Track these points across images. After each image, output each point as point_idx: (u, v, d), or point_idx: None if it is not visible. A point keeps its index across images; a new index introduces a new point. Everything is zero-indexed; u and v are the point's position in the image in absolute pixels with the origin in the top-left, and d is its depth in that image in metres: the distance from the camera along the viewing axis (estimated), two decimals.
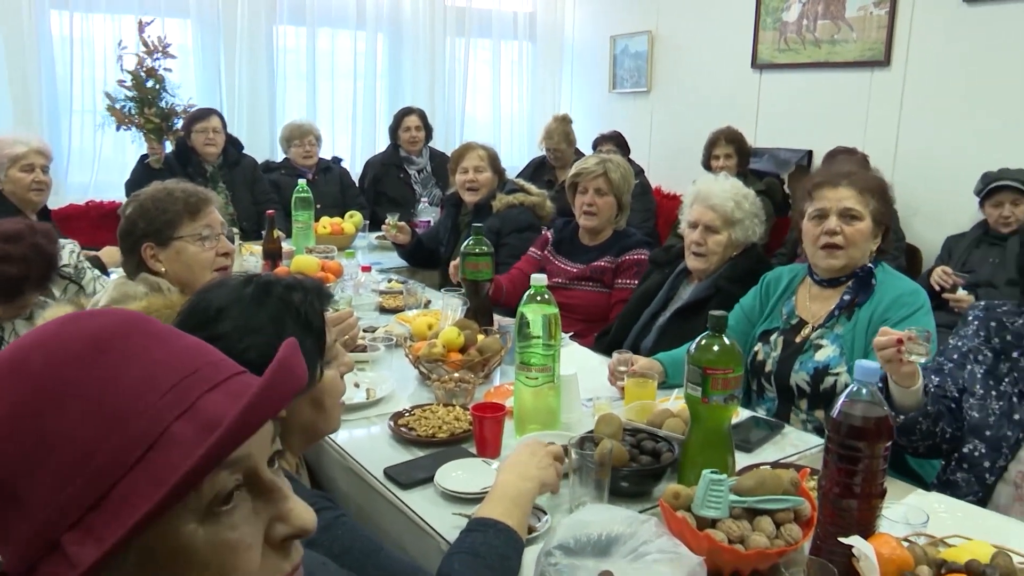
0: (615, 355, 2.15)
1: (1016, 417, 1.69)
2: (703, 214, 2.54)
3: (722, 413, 1.48)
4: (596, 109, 6.16)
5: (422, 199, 4.97)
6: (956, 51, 3.96)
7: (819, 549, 1.25)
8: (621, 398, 2.02)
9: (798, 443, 1.86)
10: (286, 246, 3.59)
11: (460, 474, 1.62)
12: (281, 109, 5.48)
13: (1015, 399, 1.71)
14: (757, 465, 1.61)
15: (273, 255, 3.24)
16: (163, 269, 1.99)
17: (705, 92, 5.27)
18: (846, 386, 1.99)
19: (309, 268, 2.96)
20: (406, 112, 5.05)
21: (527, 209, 3.57)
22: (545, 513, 1.48)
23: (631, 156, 5.14)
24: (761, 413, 2.12)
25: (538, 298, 1.77)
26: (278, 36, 5.44)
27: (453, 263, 2.96)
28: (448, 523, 1.46)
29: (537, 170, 5.28)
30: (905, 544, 1.21)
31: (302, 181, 3.85)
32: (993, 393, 1.75)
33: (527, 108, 6.52)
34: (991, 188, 3.52)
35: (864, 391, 1.21)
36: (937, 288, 3.36)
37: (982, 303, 1.91)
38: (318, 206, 4.05)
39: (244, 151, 4.67)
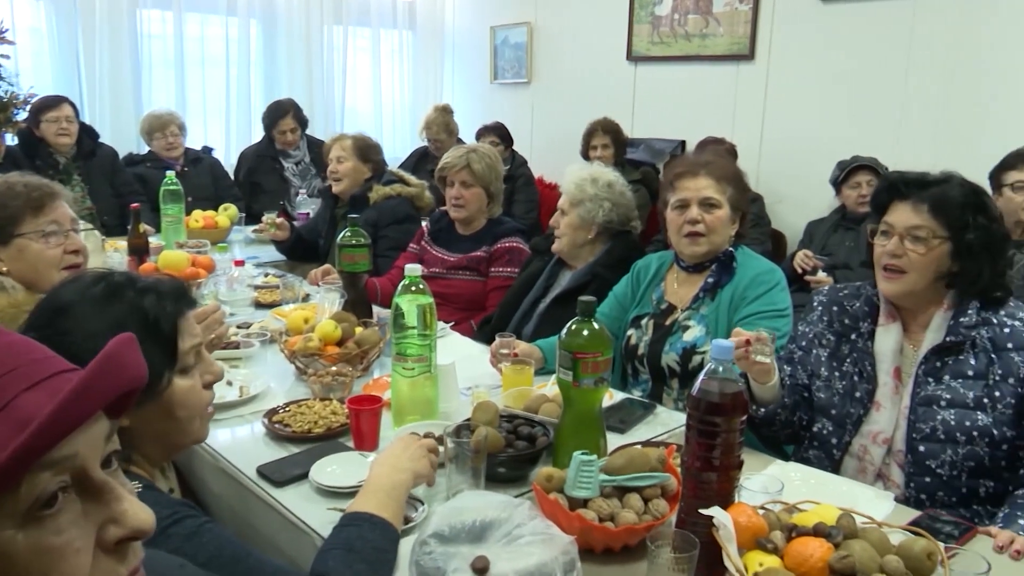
0: (497, 338, 2.17)
1: (857, 395, 1.81)
2: (560, 198, 2.65)
3: (593, 396, 1.52)
4: (478, 99, 6.18)
5: (300, 191, 4.85)
6: (813, 46, 4.20)
7: (683, 521, 1.30)
8: (500, 385, 2.04)
9: (669, 422, 1.94)
10: (155, 241, 3.42)
11: (335, 469, 1.60)
12: (148, 98, 5.21)
13: (855, 378, 1.83)
14: (630, 445, 1.67)
15: (139, 251, 3.08)
16: (4, 268, 1.86)
17: (583, 83, 5.38)
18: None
19: (177, 264, 2.83)
20: (280, 114, 4.82)
21: (405, 200, 3.54)
22: (422, 503, 1.48)
23: (514, 147, 5.20)
24: (636, 395, 2.20)
25: (412, 288, 1.76)
26: (142, 21, 5.17)
27: (320, 270, 2.95)
28: (323, 519, 1.44)
29: (420, 161, 5.25)
30: (761, 512, 1.28)
31: (170, 173, 3.68)
32: (836, 374, 1.87)
33: (408, 98, 6.46)
34: (848, 171, 3.75)
35: (720, 369, 1.26)
36: (799, 271, 3.55)
37: (826, 288, 2.03)
38: (189, 199, 3.88)
39: (101, 140, 4.36)
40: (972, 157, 3.05)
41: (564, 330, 1.53)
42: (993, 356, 1.68)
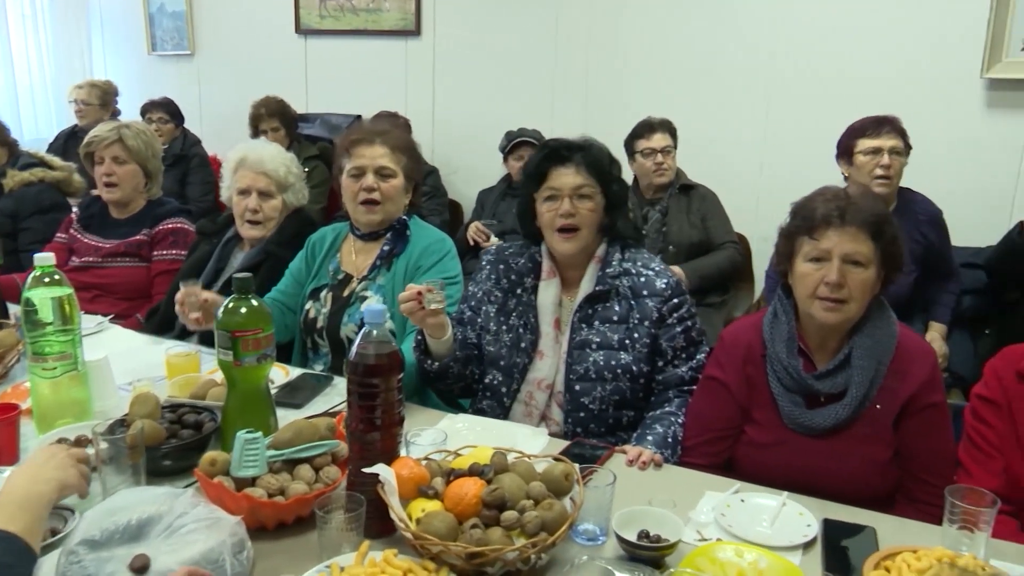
0: (182, 286, 2.03)
1: (523, 346, 1.98)
2: (256, 180, 2.50)
3: (256, 373, 1.50)
4: (137, 73, 5.65)
5: None
6: (473, 23, 4.42)
7: (353, 483, 1.34)
8: (165, 377, 1.92)
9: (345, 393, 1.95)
10: None
11: None
12: None
13: (521, 330, 1.99)
14: (308, 419, 1.66)
15: None
16: None
17: (252, 56, 5.16)
18: (391, 332, 2.17)
19: None
20: None
21: (49, 186, 3.16)
22: (73, 512, 1.36)
23: (185, 124, 4.85)
24: (318, 369, 2.19)
25: (45, 280, 1.59)
26: None
27: None
28: None
29: (69, 141, 4.69)
30: (424, 462, 1.36)
31: None
32: (504, 327, 2.02)
33: (51, 72, 5.71)
34: (513, 144, 4.02)
35: (374, 332, 1.31)
36: (472, 243, 3.75)
37: (493, 248, 2.18)
38: None
39: None
40: (614, 126, 3.43)
41: (220, 309, 1.48)
42: (633, 302, 1.93)
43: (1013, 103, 3.30)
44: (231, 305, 1.47)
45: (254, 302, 1.48)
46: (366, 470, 1.27)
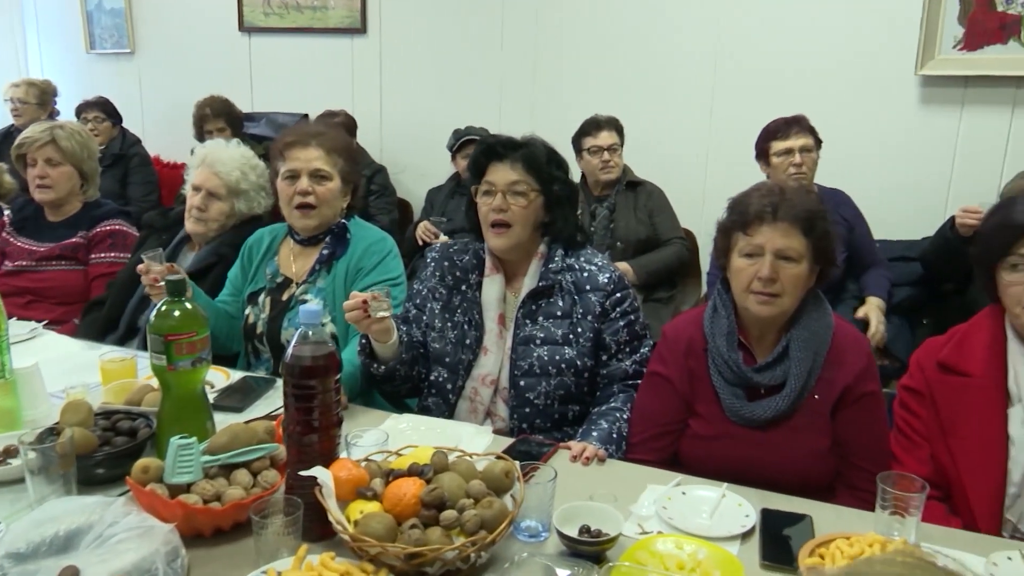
0: (144, 258, 1.99)
1: (467, 342, 1.97)
2: (208, 179, 2.44)
3: (191, 377, 1.47)
4: (75, 73, 5.50)
5: None
6: (419, 21, 4.39)
7: (292, 487, 1.32)
8: (100, 383, 1.87)
9: None
10: None
11: None
12: None
13: (466, 327, 1.99)
14: (247, 423, 1.64)
15: None
16: None
17: (195, 55, 5.05)
18: (333, 336, 2.15)
19: None
20: None
21: None
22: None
23: (124, 124, 4.73)
24: (261, 374, 2.16)
25: None
26: None
27: None
28: None
29: (4, 142, 4.54)
30: (364, 463, 1.34)
31: None
32: (449, 324, 2.01)
33: None
34: (461, 142, 4.01)
35: (310, 333, 1.29)
36: (421, 243, 3.73)
37: (438, 245, 2.17)
38: None
39: None
40: (561, 124, 3.45)
41: (153, 313, 1.45)
42: (576, 297, 1.93)
43: (946, 99, 3.39)
44: (163, 308, 1.44)
45: (188, 305, 1.45)
46: (303, 473, 1.25)
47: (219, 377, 1.96)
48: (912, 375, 1.70)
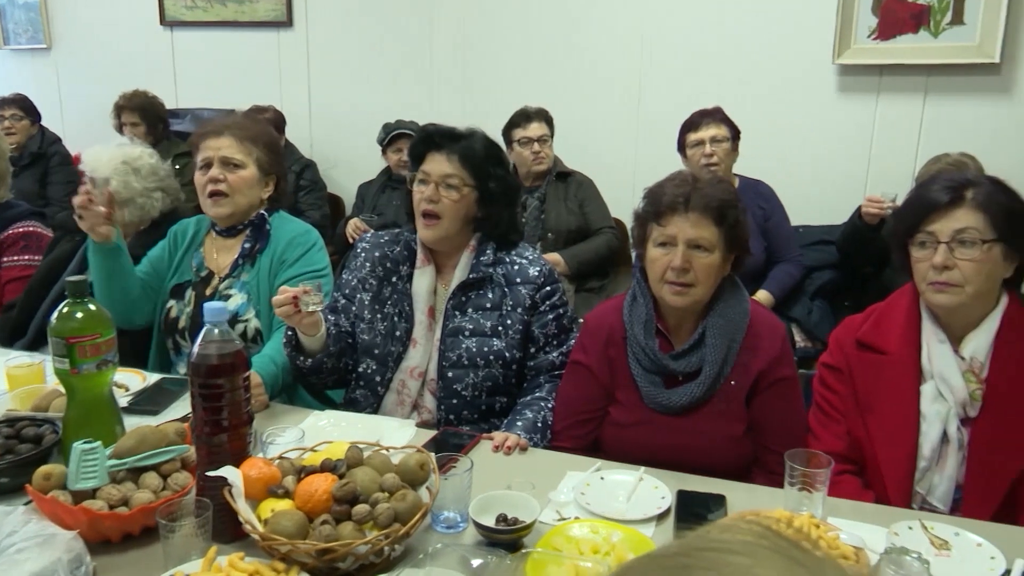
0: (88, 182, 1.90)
1: (397, 334, 1.96)
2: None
3: (97, 380, 1.43)
4: None
5: None
6: (347, 13, 4.34)
7: (203, 488, 1.29)
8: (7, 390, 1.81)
9: None
10: None
11: None
12: None
13: (396, 318, 1.97)
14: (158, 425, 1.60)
15: None
16: None
17: (115, 50, 4.90)
18: (257, 331, 2.12)
19: None
20: None
21: None
22: None
23: (43, 122, 4.57)
24: (181, 370, 2.11)
25: None
26: None
27: None
28: None
29: None
30: (277, 462, 1.33)
31: None
32: (379, 316, 1.99)
33: None
34: (392, 136, 3.97)
35: (216, 331, 1.27)
36: (352, 240, 3.69)
37: (368, 235, 2.15)
38: None
39: None
40: (492, 116, 3.44)
41: (54, 315, 1.40)
42: (506, 290, 1.94)
43: (862, 87, 3.49)
44: (65, 310, 1.40)
45: (91, 306, 1.41)
46: (210, 473, 1.23)
47: (134, 379, 1.92)
48: (831, 352, 1.75)
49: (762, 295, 3.02)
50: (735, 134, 3.09)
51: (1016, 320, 1.59)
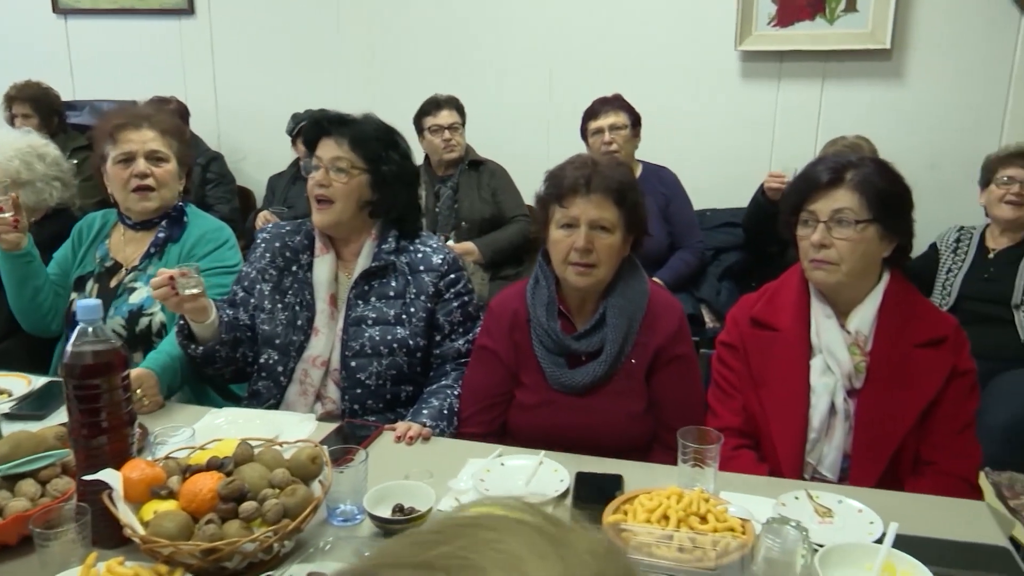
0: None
1: (299, 323, 1.93)
2: None
3: None
4: None
5: None
6: (250, 0, 4.21)
7: (83, 493, 1.25)
8: None
9: None
10: None
11: None
12: None
13: (297, 308, 1.94)
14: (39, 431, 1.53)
15: None
16: None
17: (4, 40, 4.65)
18: (163, 325, 2.05)
19: None
20: None
21: None
22: None
23: None
24: None
25: None
26: None
27: None
28: None
29: None
30: (162, 462, 1.29)
31: None
32: (280, 306, 1.95)
33: None
34: (300, 126, 3.88)
35: (90, 329, 1.22)
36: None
37: (269, 226, 2.10)
38: None
39: None
40: (402, 104, 3.41)
41: None
42: (410, 278, 1.92)
43: (763, 73, 3.58)
44: None
45: None
46: (87, 478, 1.19)
47: (18, 384, 1.83)
48: (728, 330, 1.80)
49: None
50: (635, 120, 3.14)
51: (898, 296, 1.66)
